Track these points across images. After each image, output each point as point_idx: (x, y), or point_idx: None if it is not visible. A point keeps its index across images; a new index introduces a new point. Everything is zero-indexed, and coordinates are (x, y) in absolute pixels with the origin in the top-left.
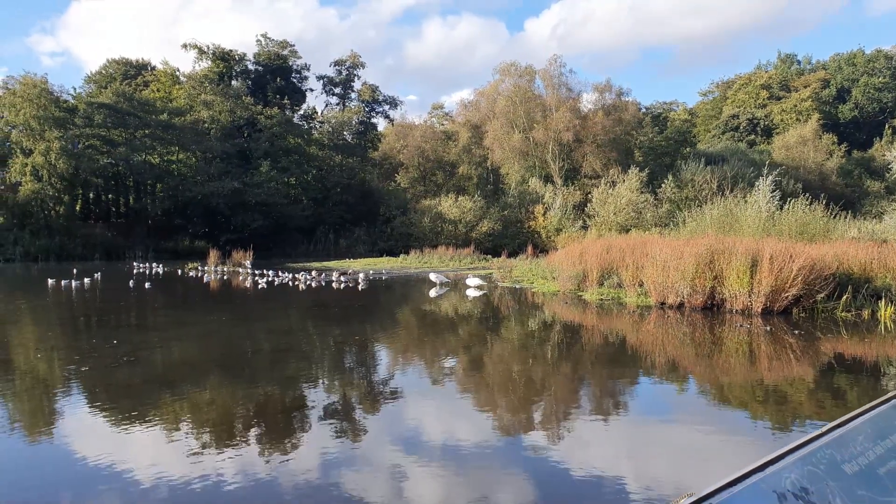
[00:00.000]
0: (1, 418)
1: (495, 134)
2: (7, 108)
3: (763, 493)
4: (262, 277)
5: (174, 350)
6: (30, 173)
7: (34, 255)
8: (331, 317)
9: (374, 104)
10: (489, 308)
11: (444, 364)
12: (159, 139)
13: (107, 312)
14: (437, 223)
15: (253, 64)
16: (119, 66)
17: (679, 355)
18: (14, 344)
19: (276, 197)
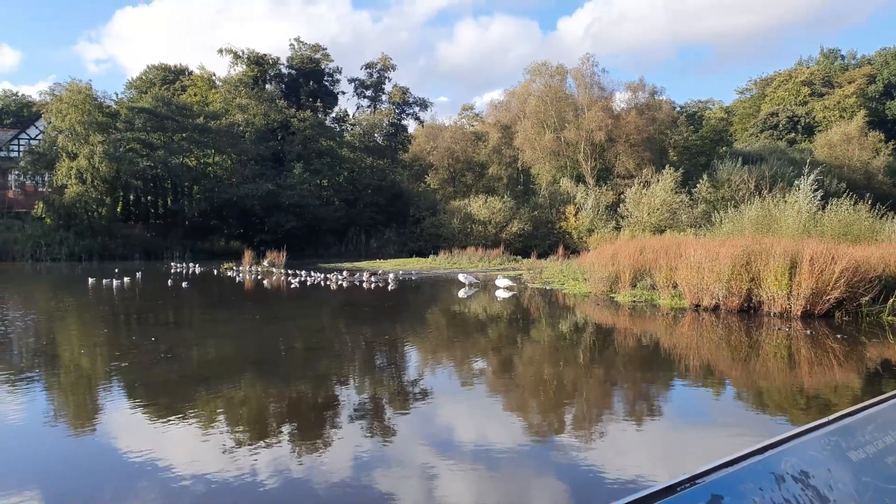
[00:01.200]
0: (47, 412)
1: (526, 134)
2: (54, 113)
3: (760, 475)
4: (295, 277)
5: (210, 347)
6: (74, 176)
7: (78, 255)
8: (361, 316)
9: (405, 106)
10: (519, 309)
11: (473, 365)
12: (196, 142)
13: (146, 311)
14: (466, 224)
15: (286, 68)
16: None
17: (715, 359)
18: (60, 340)
19: (308, 199)
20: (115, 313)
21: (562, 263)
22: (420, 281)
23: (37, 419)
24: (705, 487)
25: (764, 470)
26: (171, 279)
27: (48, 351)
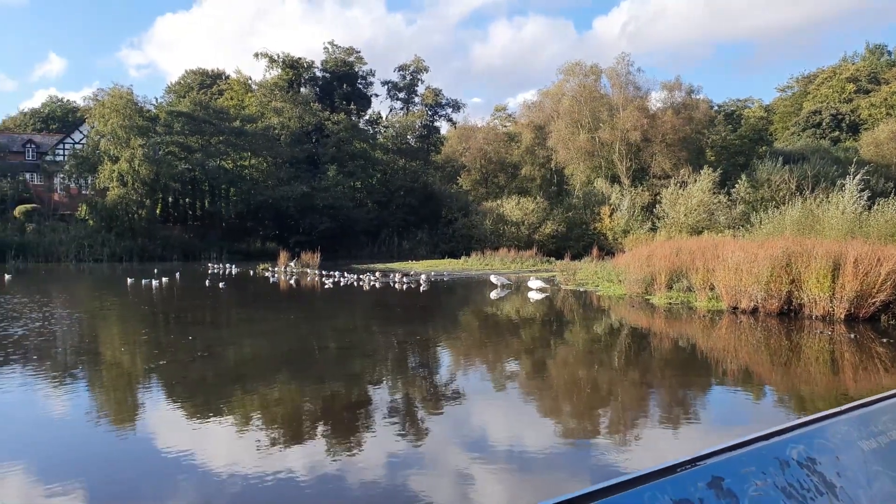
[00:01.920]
0: (90, 408)
1: (560, 134)
2: (97, 118)
3: (764, 459)
4: (329, 278)
5: (245, 346)
6: (116, 179)
7: (119, 256)
8: (393, 317)
9: (437, 108)
10: (552, 311)
11: (506, 367)
12: (233, 145)
13: (184, 310)
14: (498, 225)
15: (321, 71)
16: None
17: (754, 362)
18: (102, 338)
19: (342, 200)
20: (154, 313)
21: (596, 265)
22: (452, 282)
23: (81, 415)
24: (706, 469)
25: (769, 455)
26: (208, 280)
27: (91, 349)
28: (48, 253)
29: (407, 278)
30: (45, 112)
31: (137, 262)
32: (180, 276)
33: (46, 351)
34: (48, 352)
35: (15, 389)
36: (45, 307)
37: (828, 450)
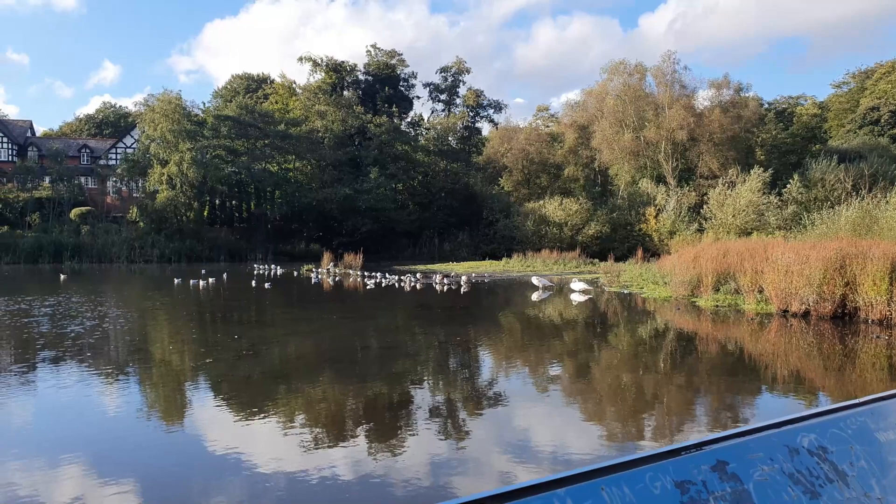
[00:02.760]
0: (140, 405)
1: (604, 134)
2: (147, 123)
3: (773, 446)
4: (371, 279)
5: (290, 345)
6: (165, 182)
7: (168, 257)
8: (434, 318)
9: (479, 109)
10: (595, 313)
11: (549, 370)
12: (278, 148)
13: (230, 310)
14: (540, 226)
15: (363, 74)
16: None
17: (805, 368)
18: (151, 337)
19: (384, 202)
20: (202, 312)
21: (641, 266)
22: (493, 284)
23: (133, 411)
24: (711, 453)
25: (778, 442)
26: (254, 280)
27: (141, 347)
28: (101, 254)
29: (448, 279)
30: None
31: (186, 263)
32: (227, 276)
33: (100, 348)
34: (102, 349)
35: (73, 385)
36: (99, 306)
37: (842, 440)
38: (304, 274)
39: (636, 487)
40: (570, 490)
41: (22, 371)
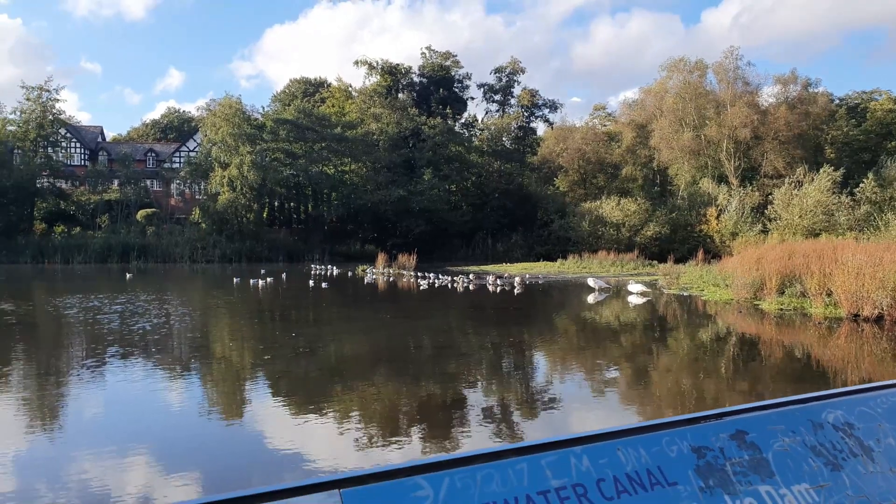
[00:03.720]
0: (202, 400)
1: (662, 133)
2: (209, 127)
3: (795, 419)
4: (424, 279)
5: (345, 344)
6: (226, 184)
7: (229, 258)
8: (487, 318)
9: (534, 109)
10: (654, 316)
11: (605, 373)
12: (334, 151)
13: (288, 308)
14: (597, 227)
15: (418, 76)
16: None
17: (879, 375)
18: (213, 334)
19: (437, 203)
20: (261, 310)
21: (701, 268)
22: (547, 285)
23: (195, 406)
24: (731, 423)
25: (802, 416)
26: (311, 280)
27: (203, 344)
28: (165, 254)
29: (501, 280)
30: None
31: (245, 263)
32: (287, 276)
33: (165, 345)
34: (167, 346)
35: (140, 380)
36: (165, 305)
37: (870, 417)
38: (359, 274)
39: (652, 450)
40: (587, 448)
41: (94, 366)
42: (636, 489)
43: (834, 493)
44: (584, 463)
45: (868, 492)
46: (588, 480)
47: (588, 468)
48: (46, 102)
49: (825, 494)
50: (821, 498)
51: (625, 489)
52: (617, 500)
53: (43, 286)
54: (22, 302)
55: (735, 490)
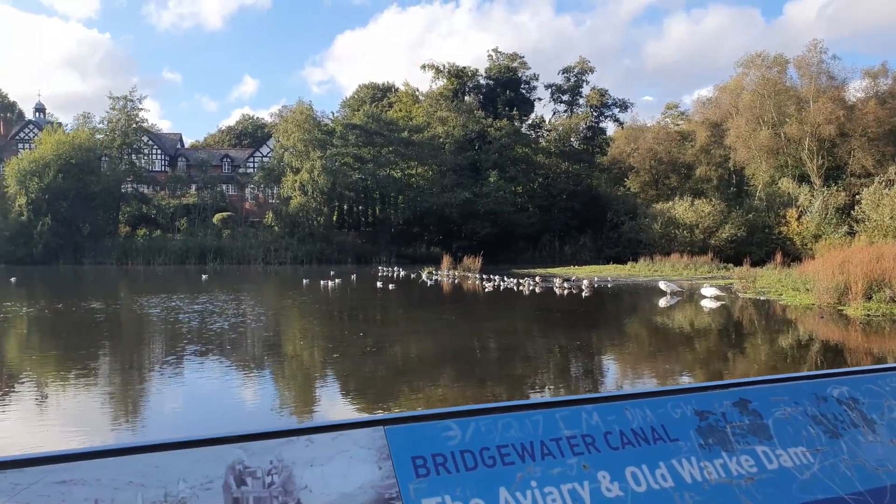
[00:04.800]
0: (274, 396)
1: (739, 131)
2: (281, 133)
3: (799, 392)
4: (489, 282)
5: (411, 344)
6: (298, 189)
7: (300, 259)
8: (554, 321)
9: (603, 108)
10: (729, 320)
11: (678, 380)
12: (401, 155)
13: (356, 309)
14: (669, 229)
15: (484, 78)
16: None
17: None
18: (284, 333)
19: (503, 206)
20: (330, 311)
21: (780, 272)
22: (616, 288)
23: (268, 402)
24: (736, 392)
25: (807, 390)
26: (378, 281)
27: (275, 342)
28: (240, 256)
29: (568, 283)
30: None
31: (316, 265)
32: (356, 278)
33: (240, 343)
34: (242, 344)
35: (217, 377)
36: (240, 305)
37: (877, 394)
38: (425, 276)
39: (657, 411)
40: (598, 406)
41: (175, 362)
42: (640, 442)
43: (829, 457)
44: (593, 418)
45: (865, 458)
46: (596, 433)
47: (597, 422)
48: (131, 111)
49: (820, 457)
50: (815, 460)
51: (629, 441)
52: (622, 450)
53: (127, 286)
54: (109, 301)
55: (732, 448)
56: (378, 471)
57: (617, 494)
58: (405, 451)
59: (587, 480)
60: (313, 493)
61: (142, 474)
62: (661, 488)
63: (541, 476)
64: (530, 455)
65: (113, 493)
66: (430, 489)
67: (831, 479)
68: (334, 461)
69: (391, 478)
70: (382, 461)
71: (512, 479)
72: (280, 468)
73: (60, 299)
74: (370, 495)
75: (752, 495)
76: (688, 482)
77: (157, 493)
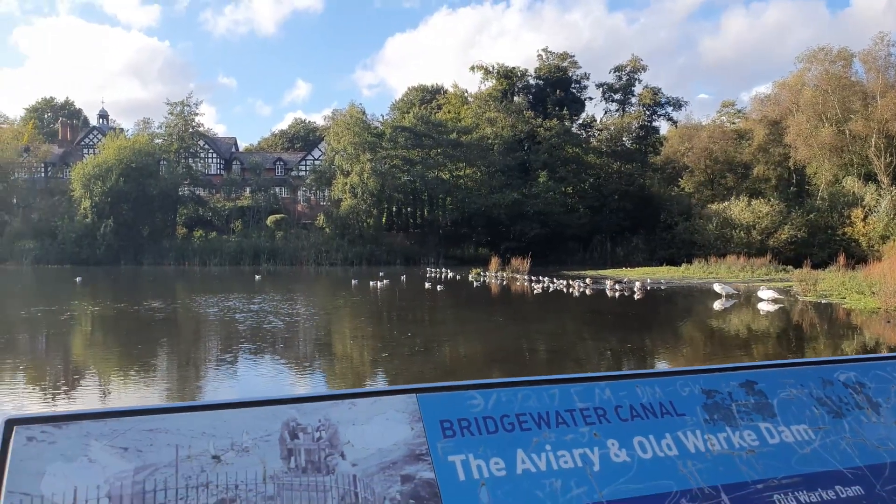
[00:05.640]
0: None
1: (799, 129)
2: (332, 136)
3: (807, 376)
4: (538, 283)
5: (459, 344)
6: (348, 191)
7: (350, 261)
8: (604, 323)
9: (656, 107)
10: (788, 324)
11: None
12: (449, 156)
13: (405, 309)
14: (724, 230)
15: (534, 78)
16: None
17: None
18: (335, 332)
19: (553, 206)
20: (379, 311)
21: (843, 274)
22: (669, 290)
23: None
24: (743, 374)
25: (813, 374)
26: (427, 282)
27: (327, 341)
28: (293, 257)
29: (619, 285)
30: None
31: (365, 266)
32: (400, 279)
33: (293, 342)
34: (294, 342)
35: (270, 374)
36: (294, 305)
37: (884, 380)
38: (473, 277)
39: (667, 389)
40: (610, 383)
41: (230, 360)
42: (648, 415)
43: (831, 434)
44: (606, 393)
45: (867, 436)
46: (608, 406)
47: (609, 397)
48: (187, 117)
49: (822, 434)
50: (817, 437)
51: (638, 415)
52: (630, 422)
53: (185, 286)
54: (168, 300)
55: (736, 424)
56: (410, 431)
57: (624, 460)
58: (434, 416)
59: (597, 447)
60: (354, 447)
61: (213, 427)
62: (665, 456)
63: (555, 441)
64: (546, 423)
65: (189, 440)
66: (455, 448)
67: (831, 454)
68: (373, 421)
69: (421, 437)
70: (414, 423)
71: (528, 443)
72: (327, 426)
73: (122, 298)
74: (403, 451)
75: (751, 465)
76: (691, 452)
77: (225, 442)
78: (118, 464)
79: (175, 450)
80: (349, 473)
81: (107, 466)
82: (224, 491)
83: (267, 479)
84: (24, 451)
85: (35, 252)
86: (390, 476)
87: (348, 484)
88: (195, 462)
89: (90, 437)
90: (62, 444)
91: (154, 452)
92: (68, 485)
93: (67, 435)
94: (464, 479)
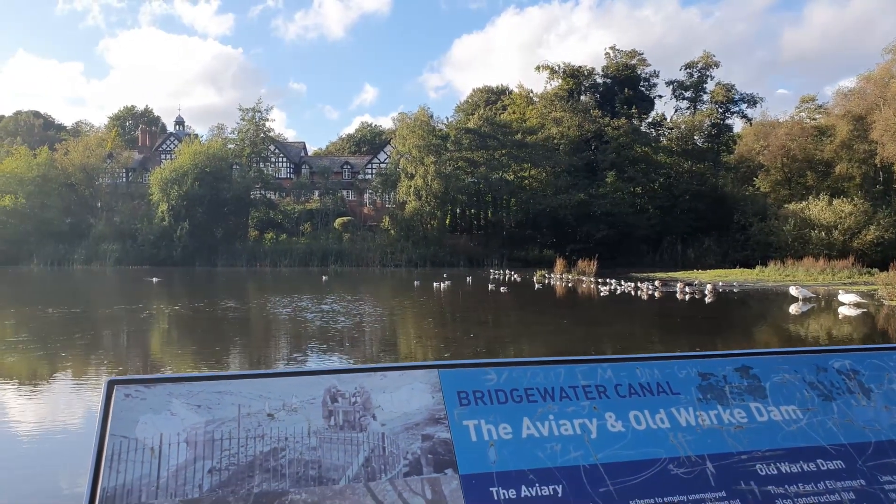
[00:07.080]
0: None
1: (887, 124)
2: (397, 139)
3: (801, 364)
4: (605, 286)
5: (522, 346)
6: (412, 194)
7: (415, 262)
8: (673, 326)
9: (729, 104)
10: (872, 330)
11: None
12: (514, 157)
13: (468, 310)
14: (803, 230)
15: (601, 77)
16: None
17: None
18: (399, 332)
19: (620, 207)
20: (442, 312)
21: None
22: (742, 294)
23: None
24: (739, 360)
25: (808, 362)
26: (491, 284)
27: (391, 341)
28: (359, 259)
29: (690, 288)
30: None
31: (430, 268)
32: (464, 280)
33: (358, 341)
34: (359, 342)
35: None
36: (361, 305)
37: (879, 368)
38: (538, 279)
39: (665, 371)
40: (612, 365)
41: (301, 358)
42: (645, 393)
43: (819, 415)
44: (607, 373)
45: (854, 418)
46: (608, 384)
47: (610, 377)
48: (259, 122)
49: (810, 414)
50: (805, 416)
51: (636, 392)
52: (628, 398)
53: (257, 287)
54: (242, 301)
55: (728, 403)
56: (431, 399)
57: (619, 430)
58: (452, 387)
59: (595, 418)
60: (384, 410)
61: (268, 390)
62: (658, 428)
63: (557, 412)
64: (551, 397)
65: (249, 401)
66: (469, 414)
67: (816, 432)
68: (400, 390)
69: (441, 404)
70: (435, 393)
71: (534, 412)
72: (361, 392)
73: (198, 298)
74: (424, 415)
75: (738, 439)
76: (682, 425)
77: (277, 403)
78: (193, 417)
79: (237, 408)
80: (379, 432)
81: (185, 419)
82: (276, 442)
83: (311, 434)
84: (122, 404)
85: (117, 254)
86: (413, 435)
87: (378, 440)
88: (253, 418)
89: (172, 396)
90: (151, 401)
91: (221, 409)
92: (155, 431)
93: (155, 393)
94: (475, 440)
